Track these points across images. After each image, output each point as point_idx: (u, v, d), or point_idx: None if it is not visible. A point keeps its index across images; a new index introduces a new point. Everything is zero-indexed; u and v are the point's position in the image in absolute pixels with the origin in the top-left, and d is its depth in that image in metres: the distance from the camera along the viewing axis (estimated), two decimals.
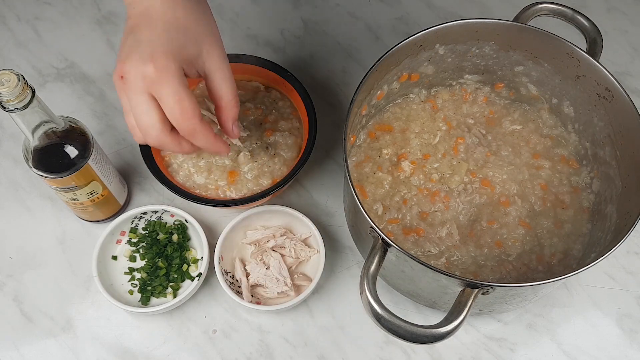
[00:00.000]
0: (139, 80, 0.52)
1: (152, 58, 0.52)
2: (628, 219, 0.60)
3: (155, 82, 0.52)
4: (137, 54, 0.52)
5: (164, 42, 0.53)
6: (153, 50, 0.52)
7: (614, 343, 0.71)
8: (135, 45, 0.53)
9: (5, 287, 0.74)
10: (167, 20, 0.54)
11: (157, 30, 0.53)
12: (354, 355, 0.70)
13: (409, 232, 0.69)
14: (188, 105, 0.53)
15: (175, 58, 0.53)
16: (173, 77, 0.53)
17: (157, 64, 0.52)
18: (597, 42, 0.68)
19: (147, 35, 0.53)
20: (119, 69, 0.53)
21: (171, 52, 0.53)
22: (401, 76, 0.72)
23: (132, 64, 0.52)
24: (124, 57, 0.53)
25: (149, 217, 0.75)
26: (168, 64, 0.52)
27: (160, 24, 0.54)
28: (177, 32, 0.54)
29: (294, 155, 0.73)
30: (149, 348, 0.70)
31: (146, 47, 0.52)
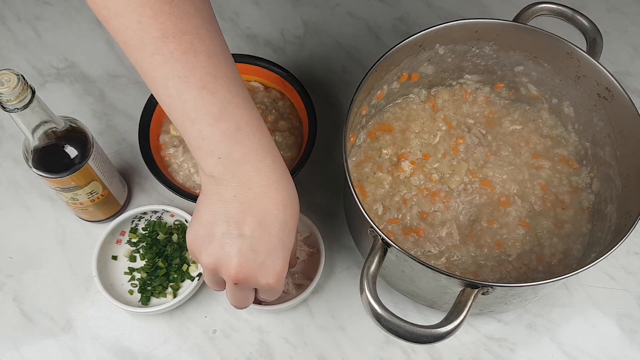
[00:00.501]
0: (253, 286, 0.55)
1: (274, 274, 0.53)
2: (628, 219, 0.60)
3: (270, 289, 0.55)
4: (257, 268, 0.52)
5: (281, 254, 0.53)
6: (274, 264, 0.53)
7: (614, 343, 0.71)
8: (251, 254, 0.52)
9: (5, 287, 0.74)
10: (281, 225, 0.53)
11: (273, 240, 0.52)
12: (354, 355, 0.70)
13: (409, 232, 0.69)
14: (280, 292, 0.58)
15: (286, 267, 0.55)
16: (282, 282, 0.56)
17: (278, 278, 0.54)
18: (597, 42, 0.68)
19: (264, 246, 0.52)
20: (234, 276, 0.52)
21: (287, 262, 0.55)
22: (401, 76, 0.72)
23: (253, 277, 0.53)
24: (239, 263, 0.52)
25: (149, 217, 0.75)
26: (283, 277, 0.55)
27: (275, 232, 0.52)
28: (288, 237, 0.54)
29: (294, 155, 0.73)
30: (149, 348, 0.70)
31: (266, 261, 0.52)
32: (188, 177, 0.72)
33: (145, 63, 0.47)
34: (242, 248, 0.51)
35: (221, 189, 0.51)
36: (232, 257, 0.52)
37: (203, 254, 0.53)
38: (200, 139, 0.49)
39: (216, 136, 0.49)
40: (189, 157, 0.72)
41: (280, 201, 0.52)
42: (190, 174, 0.72)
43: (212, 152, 0.49)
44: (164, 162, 0.73)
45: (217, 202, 0.51)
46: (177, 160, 0.73)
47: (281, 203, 0.52)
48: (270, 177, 0.51)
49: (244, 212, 0.51)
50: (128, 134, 0.83)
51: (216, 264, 0.53)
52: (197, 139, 0.49)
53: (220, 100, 0.48)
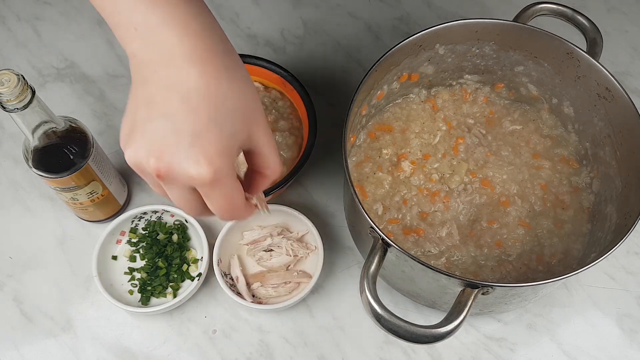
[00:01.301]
0: (185, 181, 0.44)
1: (206, 160, 0.43)
2: (628, 219, 0.60)
3: (205, 185, 0.44)
4: (182, 152, 0.42)
5: (214, 135, 0.43)
6: (203, 148, 0.42)
7: (614, 343, 0.71)
8: (172, 136, 0.42)
9: (5, 287, 0.74)
10: (213, 100, 0.43)
11: (202, 119, 0.42)
12: (354, 355, 0.70)
13: (409, 232, 0.69)
14: (237, 200, 0.47)
15: (228, 154, 0.44)
16: (226, 179, 0.45)
17: (212, 167, 0.43)
18: (597, 42, 0.68)
19: (189, 125, 0.42)
20: (155, 165, 0.43)
21: (224, 148, 0.44)
22: (401, 76, 0.72)
23: (177, 164, 0.43)
24: (159, 149, 0.43)
25: (149, 217, 0.75)
26: (223, 166, 0.44)
27: (204, 107, 0.42)
28: (226, 117, 0.44)
29: (294, 155, 0.73)
30: (149, 348, 0.70)
31: (193, 142, 0.42)
32: None
33: None
34: (163, 131, 0.42)
35: (142, 68, 0.43)
36: (153, 144, 0.43)
37: (126, 150, 0.44)
38: (116, 13, 0.43)
39: (129, 2, 0.42)
40: None
41: (212, 71, 0.43)
42: None
43: (127, 24, 0.43)
44: None
45: (139, 84, 0.44)
46: None
47: (212, 74, 0.43)
48: (199, 45, 0.43)
49: (166, 88, 0.42)
50: None
51: (137, 157, 0.44)
52: (113, 13, 0.43)
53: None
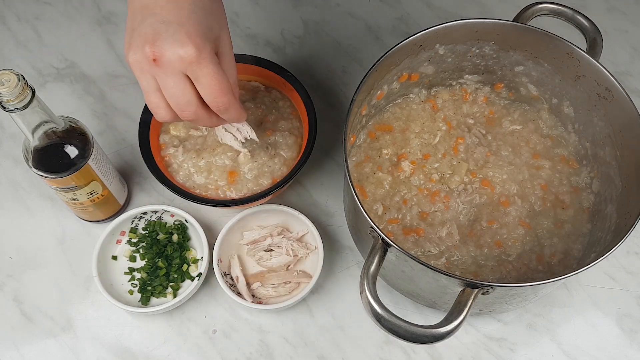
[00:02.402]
0: (175, 62, 0.52)
1: (190, 40, 0.51)
2: (628, 219, 0.60)
3: (194, 64, 0.52)
4: (170, 36, 0.51)
5: (195, 23, 0.52)
6: (188, 32, 0.51)
7: (614, 343, 0.71)
8: (163, 26, 0.51)
9: (5, 287, 0.74)
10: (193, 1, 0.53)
11: (184, 12, 0.52)
12: (354, 355, 0.70)
13: (409, 232, 0.69)
14: (225, 83, 0.55)
15: (208, 39, 0.53)
16: (211, 58, 0.53)
17: (195, 45, 0.51)
18: (597, 42, 0.68)
19: (175, 17, 0.52)
20: (150, 51, 0.51)
21: (204, 33, 0.52)
22: (401, 76, 0.72)
23: (168, 46, 0.51)
24: (152, 37, 0.51)
25: (149, 217, 0.75)
26: (205, 46, 0.52)
27: (186, 5, 0.52)
28: (204, 13, 0.53)
29: (294, 155, 0.73)
30: (149, 348, 0.70)
31: (179, 28, 0.51)
32: (188, 177, 0.72)
33: None
34: (154, 24, 0.51)
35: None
36: (147, 36, 0.51)
37: (128, 53, 0.52)
38: None
39: None
40: (189, 157, 0.72)
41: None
42: (190, 174, 0.72)
43: None
44: (164, 162, 0.73)
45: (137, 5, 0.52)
46: (177, 160, 0.73)
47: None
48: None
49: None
50: (128, 134, 0.83)
51: (136, 54, 0.52)
52: None
53: None
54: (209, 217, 0.77)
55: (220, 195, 0.71)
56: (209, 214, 0.77)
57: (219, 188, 0.71)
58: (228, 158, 0.72)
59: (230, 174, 0.71)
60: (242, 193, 0.71)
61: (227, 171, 0.72)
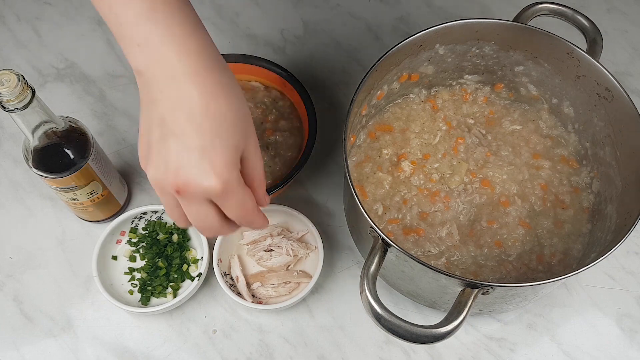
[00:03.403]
0: (200, 193, 0.48)
1: (214, 172, 0.46)
2: (628, 219, 0.60)
3: (219, 196, 0.48)
4: (194, 167, 0.46)
5: (219, 149, 0.47)
6: (212, 161, 0.46)
7: (614, 343, 0.71)
8: (185, 154, 0.46)
9: (5, 287, 0.74)
10: (214, 117, 0.46)
11: (207, 134, 0.46)
12: (354, 355, 0.70)
13: (409, 232, 0.69)
14: (250, 204, 0.51)
15: (234, 164, 0.48)
16: (237, 187, 0.49)
17: (220, 178, 0.47)
18: (597, 42, 0.68)
19: (197, 142, 0.46)
20: (173, 182, 0.47)
21: (230, 159, 0.48)
22: (401, 76, 0.72)
23: (192, 178, 0.47)
24: (175, 167, 0.46)
25: (149, 217, 0.75)
26: (231, 176, 0.48)
27: (208, 125, 0.46)
28: (227, 131, 0.47)
29: (294, 155, 0.74)
30: (149, 348, 0.70)
31: (202, 156, 0.46)
32: None
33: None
34: (176, 149, 0.46)
35: (149, 85, 0.46)
36: (168, 163, 0.47)
37: (148, 171, 0.48)
38: (119, 25, 0.45)
39: (130, 18, 0.44)
40: None
41: (210, 90, 0.46)
42: None
43: (131, 39, 0.45)
44: None
45: (148, 103, 0.47)
46: None
47: (211, 92, 0.46)
48: (197, 63, 0.46)
49: (172, 108, 0.46)
50: (128, 134, 0.83)
51: (157, 177, 0.48)
52: (116, 25, 0.45)
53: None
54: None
55: None
56: None
57: None
58: None
59: None
60: None
61: None
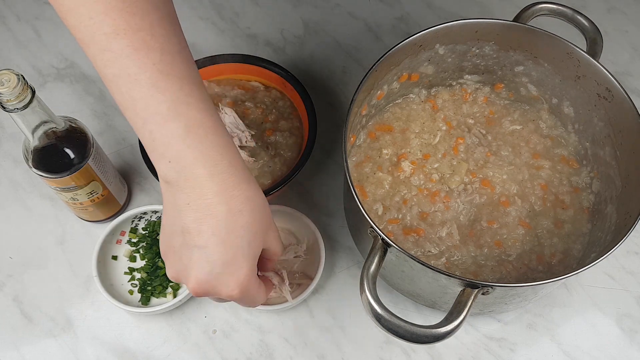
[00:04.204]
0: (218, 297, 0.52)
1: (236, 284, 0.50)
2: (628, 219, 0.60)
3: (235, 299, 0.52)
4: (216, 280, 0.50)
5: (241, 263, 0.50)
6: (233, 275, 0.50)
7: (614, 343, 0.71)
8: (207, 265, 0.49)
9: (5, 287, 0.74)
10: (238, 233, 0.49)
11: (229, 249, 0.49)
12: (354, 355, 0.70)
13: (409, 232, 0.69)
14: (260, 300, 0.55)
15: (253, 270, 0.52)
16: (251, 290, 0.52)
17: (241, 289, 0.51)
18: (597, 42, 0.68)
19: (220, 256, 0.49)
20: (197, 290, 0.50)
21: (250, 269, 0.51)
22: (401, 76, 0.72)
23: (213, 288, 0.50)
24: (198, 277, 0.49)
25: (149, 217, 0.75)
26: (249, 284, 0.51)
27: (231, 240, 0.49)
28: (249, 243, 0.50)
29: (294, 155, 0.74)
30: (149, 348, 0.70)
31: (225, 272, 0.49)
32: None
33: (97, 60, 0.46)
34: (198, 260, 0.49)
35: (176, 195, 0.48)
36: (189, 270, 0.50)
37: (167, 266, 0.52)
38: (152, 140, 0.47)
39: (165, 137, 0.46)
40: None
41: (236, 207, 0.49)
42: None
43: (162, 155, 0.47)
44: None
45: (173, 210, 0.49)
46: None
47: (237, 209, 0.49)
48: (226, 182, 0.48)
49: (198, 220, 0.48)
50: (128, 134, 0.83)
51: (177, 277, 0.52)
52: (149, 140, 0.47)
53: (169, 99, 0.46)
54: None
55: None
56: None
57: None
58: None
59: None
60: None
61: None
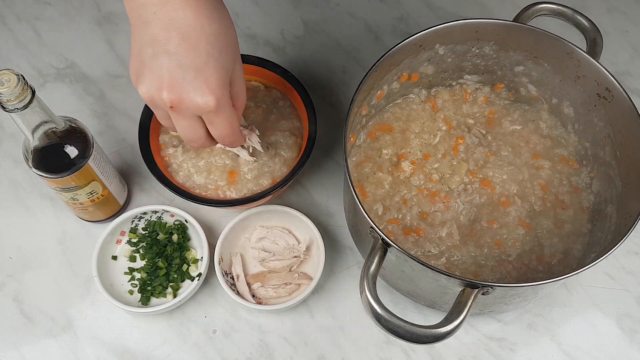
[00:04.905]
0: (193, 109, 0.52)
1: (209, 90, 0.51)
2: (628, 219, 0.60)
3: (210, 113, 0.52)
4: (189, 84, 0.50)
5: (213, 69, 0.51)
6: (207, 80, 0.51)
7: (614, 343, 0.71)
8: (179, 71, 0.50)
9: (5, 287, 0.74)
10: (209, 39, 0.50)
11: (202, 55, 0.50)
12: (354, 355, 0.70)
13: (409, 232, 0.69)
14: (235, 125, 0.56)
15: (226, 84, 0.52)
16: (227, 106, 0.53)
17: (216, 96, 0.51)
18: (597, 42, 0.68)
19: (192, 60, 0.50)
20: (167, 98, 0.51)
21: (222, 79, 0.52)
22: (401, 76, 0.72)
23: (186, 95, 0.51)
24: (170, 83, 0.50)
25: (149, 217, 0.75)
26: (223, 94, 0.52)
27: (203, 45, 0.50)
28: (220, 53, 0.51)
29: (294, 155, 0.73)
30: (149, 348, 0.70)
31: (197, 75, 0.50)
32: (188, 177, 0.72)
33: None
34: (170, 66, 0.50)
35: (142, 10, 0.49)
36: (162, 78, 0.50)
37: (139, 86, 0.52)
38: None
39: None
40: (188, 157, 0.72)
41: (204, 13, 0.49)
42: (190, 174, 0.72)
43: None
44: (164, 162, 0.73)
45: (140, 26, 0.50)
46: (177, 160, 0.73)
47: (205, 15, 0.49)
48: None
49: (166, 28, 0.49)
50: (128, 134, 0.83)
51: (150, 92, 0.51)
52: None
53: None
54: (209, 217, 0.77)
55: (220, 196, 0.71)
56: (209, 214, 0.77)
57: (219, 188, 0.71)
58: (228, 158, 0.72)
59: (230, 174, 0.71)
60: (242, 193, 0.71)
61: (227, 171, 0.72)
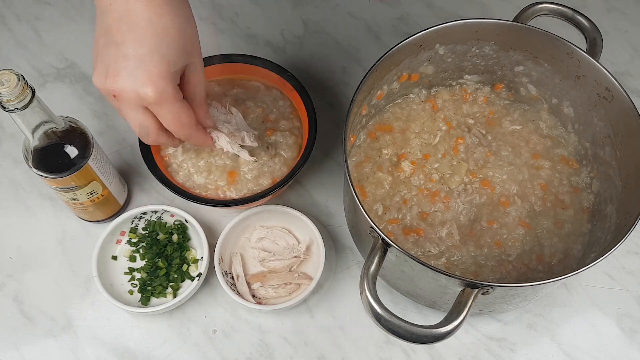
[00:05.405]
0: (134, 99, 0.51)
1: (149, 81, 0.50)
2: (628, 219, 0.60)
3: (153, 104, 0.52)
4: (130, 75, 0.50)
5: (157, 61, 0.50)
6: (148, 71, 0.50)
7: (614, 343, 0.71)
8: (123, 60, 0.50)
9: (5, 287, 0.74)
10: (156, 31, 0.50)
11: (147, 45, 0.50)
12: (354, 355, 0.70)
13: (409, 232, 0.69)
14: (185, 118, 0.55)
15: (171, 77, 0.52)
16: (171, 98, 0.52)
17: (155, 87, 0.51)
18: (597, 42, 0.68)
19: (135, 51, 0.50)
20: (110, 87, 0.51)
21: (167, 72, 0.51)
22: (401, 76, 0.72)
23: (127, 85, 0.50)
24: (113, 73, 0.50)
25: (149, 217, 0.75)
26: (166, 87, 0.51)
27: (149, 37, 0.50)
28: (168, 47, 0.51)
29: (294, 155, 0.73)
30: (149, 348, 0.70)
31: (139, 66, 0.50)
32: (188, 177, 0.72)
33: None
34: (116, 56, 0.50)
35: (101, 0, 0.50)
36: (108, 68, 0.50)
37: (93, 76, 0.52)
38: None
39: None
40: (188, 157, 0.72)
41: (155, 8, 0.50)
42: (190, 174, 0.72)
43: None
44: (164, 162, 0.73)
45: (100, 15, 0.51)
46: (177, 160, 0.73)
47: (155, 10, 0.50)
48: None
49: (118, 19, 0.50)
50: (128, 134, 0.83)
51: (99, 81, 0.52)
52: None
53: None
54: (209, 217, 0.77)
55: (220, 195, 0.71)
56: (209, 214, 0.77)
57: (219, 188, 0.71)
58: (228, 158, 0.72)
59: (230, 174, 0.71)
60: (242, 193, 0.71)
61: (227, 171, 0.72)
